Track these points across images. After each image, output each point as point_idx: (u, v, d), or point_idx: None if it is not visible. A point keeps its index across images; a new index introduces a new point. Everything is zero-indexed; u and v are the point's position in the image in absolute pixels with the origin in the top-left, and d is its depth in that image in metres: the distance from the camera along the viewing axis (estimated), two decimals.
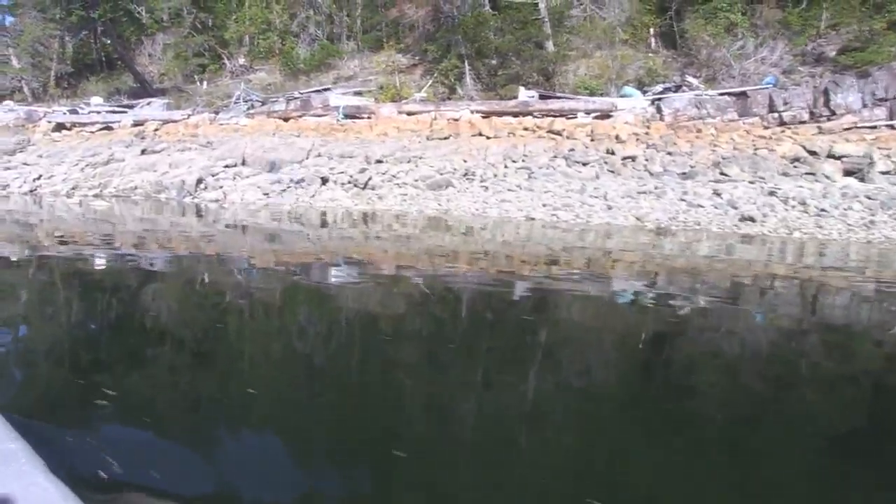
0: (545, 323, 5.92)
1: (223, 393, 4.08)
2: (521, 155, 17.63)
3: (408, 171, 16.66)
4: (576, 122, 19.38)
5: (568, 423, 3.73)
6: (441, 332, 5.68)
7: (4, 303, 6.30)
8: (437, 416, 3.81)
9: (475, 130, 19.24)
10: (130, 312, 6.15)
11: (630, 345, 5.34)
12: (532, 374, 4.48)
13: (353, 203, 14.77)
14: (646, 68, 22.70)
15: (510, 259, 9.12)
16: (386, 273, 8.08)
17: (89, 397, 3.70)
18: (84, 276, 7.82)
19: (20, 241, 10.54)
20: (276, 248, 10.26)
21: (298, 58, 29.21)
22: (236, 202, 15.69)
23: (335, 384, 4.29)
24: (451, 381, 4.39)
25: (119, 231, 11.84)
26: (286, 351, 5.05)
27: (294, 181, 16.37)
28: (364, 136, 19.55)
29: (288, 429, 3.57)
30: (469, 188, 15.34)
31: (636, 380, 4.60)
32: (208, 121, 23.36)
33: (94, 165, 20.75)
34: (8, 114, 27.59)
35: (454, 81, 22.89)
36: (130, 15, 28.35)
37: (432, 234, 11.29)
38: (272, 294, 6.93)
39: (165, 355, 4.86)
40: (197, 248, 9.99)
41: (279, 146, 18.50)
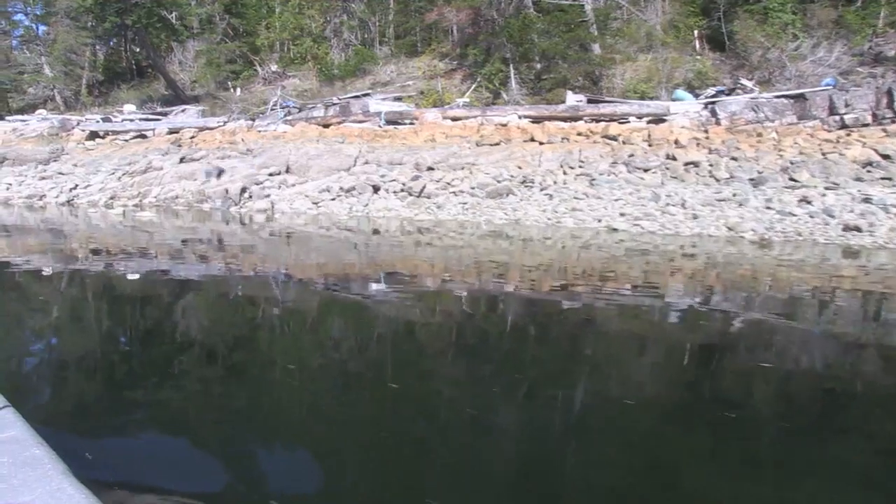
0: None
1: (247, 403, 3.94)
2: (576, 161, 16.59)
3: (462, 178, 15.65)
4: (631, 127, 18.32)
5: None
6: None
7: (46, 313, 6.32)
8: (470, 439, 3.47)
9: (526, 136, 18.21)
10: (160, 324, 6.05)
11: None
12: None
13: (410, 212, 13.77)
14: (695, 71, 21.60)
15: (648, 279, 7.98)
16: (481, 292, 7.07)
17: (112, 405, 3.73)
18: (140, 289, 7.48)
19: (89, 253, 9.62)
20: (322, 261, 9.30)
21: (332, 63, 28.31)
22: (286, 211, 14.73)
23: (361, 399, 4.08)
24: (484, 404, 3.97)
25: (183, 244, 10.90)
26: (311, 366, 4.82)
27: (344, 189, 15.40)
28: (410, 143, 18.56)
29: (314, 445, 3.42)
30: (531, 196, 14.32)
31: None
32: (245, 128, 22.45)
33: (132, 174, 19.91)
34: (42, 123, 26.81)
35: (498, 86, 21.86)
36: (164, 21, 27.49)
37: (508, 247, 10.27)
38: (304, 308, 6.66)
39: (189, 366, 4.74)
40: (263, 263, 9.04)
41: (324, 153, 17.54)
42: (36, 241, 11.32)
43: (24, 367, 4.59)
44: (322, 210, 14.57)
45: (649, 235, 10.76)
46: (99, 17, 26.12)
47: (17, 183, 21.17)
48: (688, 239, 10.43)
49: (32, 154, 24.13)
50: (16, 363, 4.63)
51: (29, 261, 9.30)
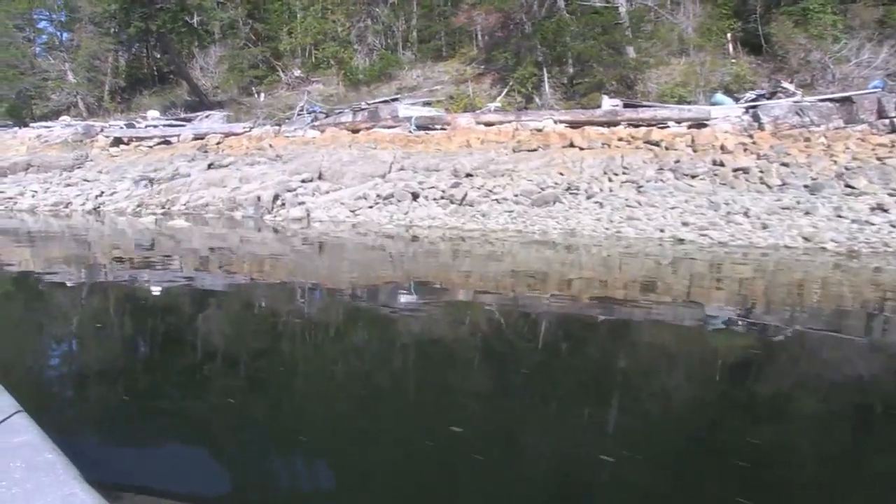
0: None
1: (263, 413, 3.84)
2: (620, 167, 15.82)
3: (504, 185, 14.90)
4: (673, 132, 17.53)
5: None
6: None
7: (69, 321, 6.27)
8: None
9: (565, 141, 17.44)
10: (179, 333, 5.94)
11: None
12: None
13: (455, 221, 13.02)
14: (732, 75, 20.77)
15: (771, 298, 7.10)
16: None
17: (125, 411, 3.68)
18: (169, 300, 7.19)
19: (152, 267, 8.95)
20: (364, 275, 8.57)
21: (357, 68, 27.64)
22: (323, 220, 14.02)
23: (380, 413, 3.88)
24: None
25: (231, 255, 10.18)
26: (331, 378, 4.69)
27: (382, 197, 14.67)
28: (445, 148, 17.83)
29: (331, 457, 3.28)
30: (579, 204, 13.56)
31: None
32: (272, 133, 21.77)
33: (159, 181, 19.26)
34: (66, 129, 26.27)
35: (531, 90, 21.08)
36: (189, 26, 26.88)
37: (573, 258, 9.51)
38: (329, 320, 6.37)
39: (205, 374, 4.64)
40: (310, 276, 8.32)
41: (358, 159, 16.83)
42: (78, 252, 10.64)
43: (39, 373, 4.54)
44: (360, 218, 13.85)
45: (719, 246, 9.96)
46: (124, 22, 25.56)
47: (43, 190, 20.59)
48: (765, 251, 9.62)
49: (57, 161, 23.56)
50: (31, 370, 4.58)
51: (74, 273, 8.62)
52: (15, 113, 31.05)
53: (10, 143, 26.57)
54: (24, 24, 32.58)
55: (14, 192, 20.42)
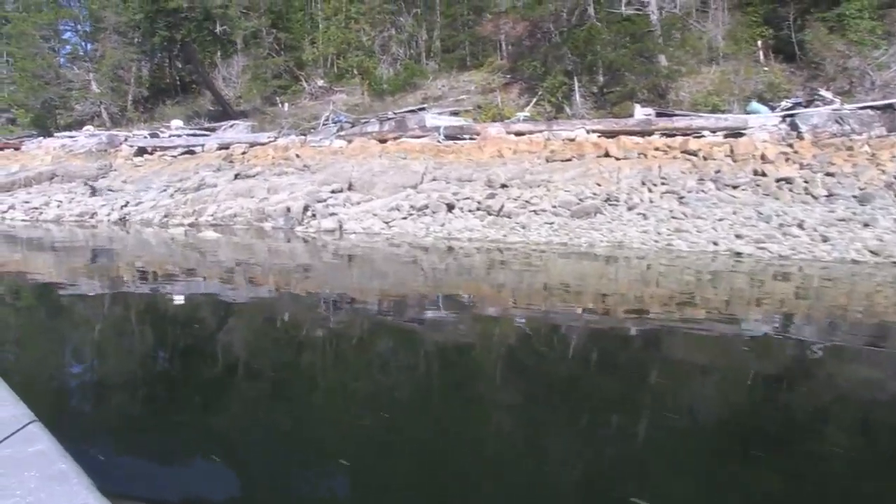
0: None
1: (279, 424, 3.72)
2: (658, 177, 15.31)
3: (541, 196, 14.43)
4: (710, 141, 16.98)
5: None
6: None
7: (90, 333, 6.12)
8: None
9: (600, 151, 16.94)
10: (199, 345, 5.74)
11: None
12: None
13: (495, 233, 12.55)
14: (766, 83, 20.20)
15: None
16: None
17: (140, 422, 3.63)
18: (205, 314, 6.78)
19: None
20: (403, 293, 8.08)
21: (381, 78, 27.28)
22: (357, 231, 13.58)
23: (402, 427, 3.69)
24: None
25: (275, 270, 9.75)
26: (349, 393, 4.46)
27: (416, 208, 14.21)
28: (476, 158, 17.38)
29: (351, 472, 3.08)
30: (621, 215, 13.06)
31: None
32: (298, 143, 21.40)
33: (185, 191, 18.93)
34: (89, 139, 26.05)
35: (561, 99, 20.59)
36: (214, 35, 26.61)
37: (628, 273, 8.99)
38: (357, 336, 6.06)
39: (221, 388, 4.49)
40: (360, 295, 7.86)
41: (389, 169, 16.40)
42: (108, 264, 10.25)
43: (55, 384, 4.48)
44: (395, 230, 13.39)
45: (780, 260, 9.41)
46: (148, 31, 25.33)
47: (68, 200, 20.31)
48: (828, 265, 9.05)
49: (81, 171, 23.31)
50: (48, 380, 4.51)
51: (103, 284, 8.21)
52: (39, 123, 30.92)
53: (35, 152, 26.40)
54: (50, 34, 32.49)
55: (39, 202, 20.19)
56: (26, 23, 31.00)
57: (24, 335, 6.07)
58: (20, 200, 20.60)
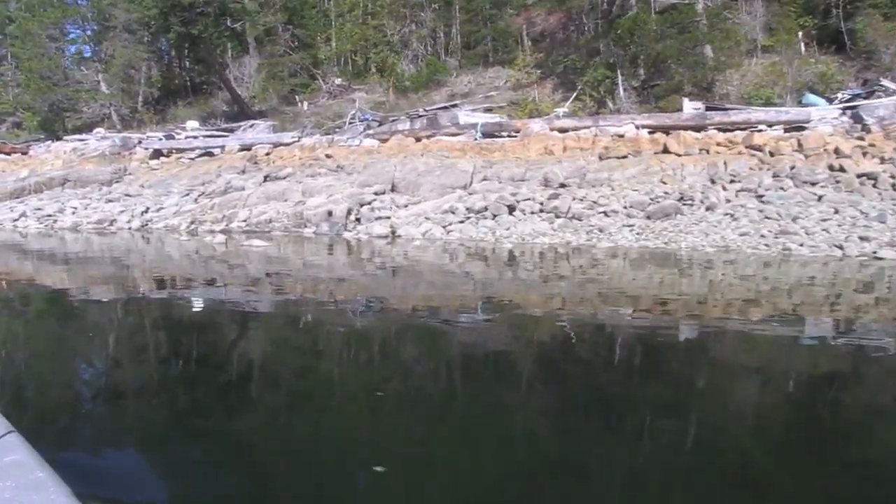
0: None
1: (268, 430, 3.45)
2: (726, 174, 13.98)
3: (608, 195, 13.09)
4: (775, 136, 15.66)
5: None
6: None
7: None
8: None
9: (657, 147, 15.62)
10: (186, 352, 5.39)
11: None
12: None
13: (569, 236, 11.24)
14: (818, 74, 18.92)
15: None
16: None
17: (119, 430, 3.48)
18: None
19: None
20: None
21: (403, 75, 25.91)
22: (414, 236, 12.22)
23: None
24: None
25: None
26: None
27: (473, 210, 12.85)
28: (523, 156, 16.02)
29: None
30: (706, 216, 11.76)
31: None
32: (326, 143, 20.00)
33: (210, 195, 17.52)
34: (102, 141, 24.57)
35: (604, 94, 19.23)
36: (232, 31, 25.14)
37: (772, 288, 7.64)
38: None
39: (205, 394, 4.16)
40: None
41: (435, 169, 15.04)
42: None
43: (34, 395, 4.29)
44: (457, 235, 12.01)
45: None
46: (162, 28, 23.84)
47: (83, 206, 18.85)
48: None
49: (94, 175, 21.87)
50: (25, 392, 4.35)
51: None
52: (47, 126, 29.40)
53: (45, 156, 24.91)
54: (56, 34, 30.92)
55: (53, 209, 18.72)
56: (32, 22, 29.44)
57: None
58: (32, 207, 19.14)
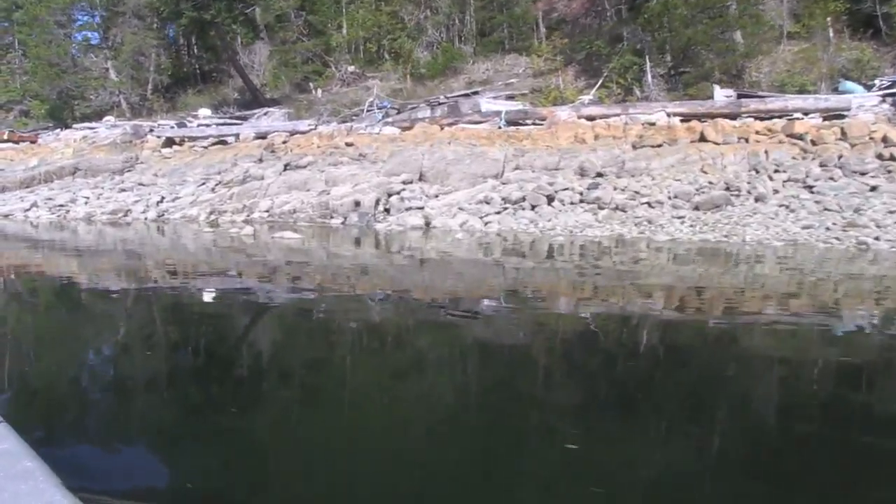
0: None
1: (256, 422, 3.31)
2: (769, 164, 13.27)
3: (650, 185, 12.39)
4: (815, 124, 14.93)
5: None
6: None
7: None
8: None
9: (693, 135, 14.89)
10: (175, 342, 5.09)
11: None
12: None
13: (618, 228, 10.55)
14: (853, 60, 18.17)
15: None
16: None
17: (109, 420, 3.41)
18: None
19: None
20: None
21: (419, 62, 25.12)
22: (452, 227, 11.52)
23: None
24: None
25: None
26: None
27: (510, 201, 12.16)
28: (554, 145, 15.31)
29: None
30: (756, 208, 11.07)
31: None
32: (345, 131, 19.27)
33: (228, 185, 16.81)
34: (113, 130, 23.81)
35: (631, 81, 18.49)
36: (245, 16, 24.29)
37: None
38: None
39: (193, 387, 4.04)
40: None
41: (465, 157, 14.33)
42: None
43: (22, 385, 4.05)
44: (495, 227, 11.33)
45: None
46: (173, 13, 23.01)
47: (95, 196, 18.16)
48: None
49: (106, 164, 21.15)
50: (15, 383, 4.08)
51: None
52: (56, 114, 28.59)
53: (54, 145, 24.16)
54: (64, 20, 30.04)
55: (65, 199, 18.01)
56: (39, 8, 28.55)
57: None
58: (43, 197, 18.42)
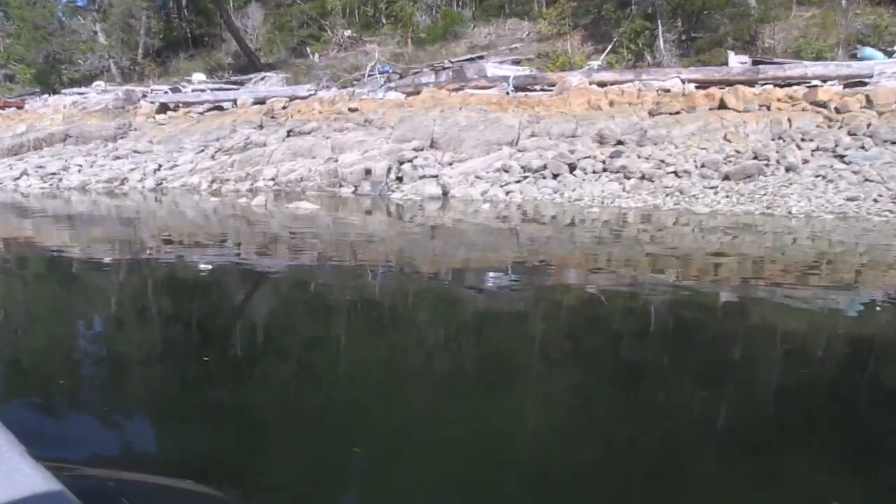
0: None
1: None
2: (795, 132, 12.65)
3: (675, 154, 11.77)
4: (839, 92, 14.33)
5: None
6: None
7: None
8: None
9: (712, 102, 14.24)
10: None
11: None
12: None
13: (650, 198, 9.95)
14: (871, 26, 17.52)
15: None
16: None
17: (74, 388, 3.16)
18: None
19: None
20: None
21: (418, 27, 24.19)
22: (474, 197, 10.88)
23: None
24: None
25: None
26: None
27: (530, 169, 11.50)
28: (567, 111, 14.60)
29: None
30: (790, 179, 10.46)
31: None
32: (346, 96, 18.44)
33: (229, 152, 16.00)
34: (104, 95, 22.75)
35: (642, 46, 17.75)
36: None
37: None
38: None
39: (162, 350, 3.80)
40: None
41: (478, 123, 13.60)
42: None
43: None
44: (518, 197, 10.68)
45: None
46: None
47: (88, 164, 17.25)
48: None
49: (98, 130, 20.15)
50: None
51: None
52: (42, 79, 27.33)
53: (43, 111, 23.06)
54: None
55: (57, 167, 17.08)
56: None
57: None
58: (33, 165, 17.46)
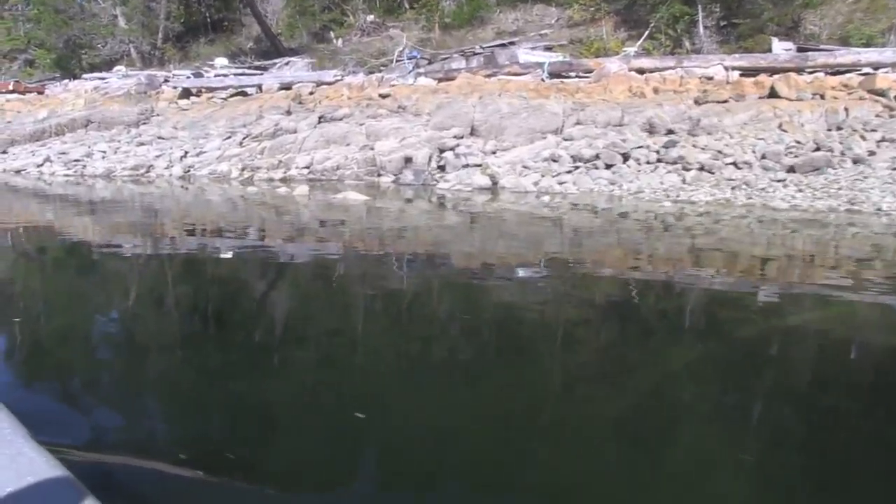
0: None
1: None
2: (856, 122, 11.91)
3: (732, 144, 11.05)
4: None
5: None
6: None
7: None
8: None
9: (762, 91, 13.51)
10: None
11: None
12: None
13: (718, 193, 9.26)
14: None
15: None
16: None
17: (79, 373, 3.29)
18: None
19: None
20: None
21: (443, 11, 23.40)
22: (527, 188, 10.18)
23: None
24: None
25: None
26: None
27: (582, 159, 10.80)
28: (609, 99, 13.88)
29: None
30: (864, 172, 9.74)
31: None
32: (376, 82, 17.74)
33: (257, 139, 15.32)
34: (125, 80, 22.06)
35: (680, 32, 16.95)
36: None
37: None
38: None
39: (164, 337, 3.87)
40: None
41: (521, 111, 12.90)
42: None
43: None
44: (574, 189, 9.99)
45: None
46: None
47: (112, 150, 16.62)
48: None
49: (120, 116, 19.49)
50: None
51: None
52: (62, 64, 26.60)
53: (64, 96, 22.41)
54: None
55: (80, 154, 16.48)
56: None
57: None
58: (56, 152, 16.86)
